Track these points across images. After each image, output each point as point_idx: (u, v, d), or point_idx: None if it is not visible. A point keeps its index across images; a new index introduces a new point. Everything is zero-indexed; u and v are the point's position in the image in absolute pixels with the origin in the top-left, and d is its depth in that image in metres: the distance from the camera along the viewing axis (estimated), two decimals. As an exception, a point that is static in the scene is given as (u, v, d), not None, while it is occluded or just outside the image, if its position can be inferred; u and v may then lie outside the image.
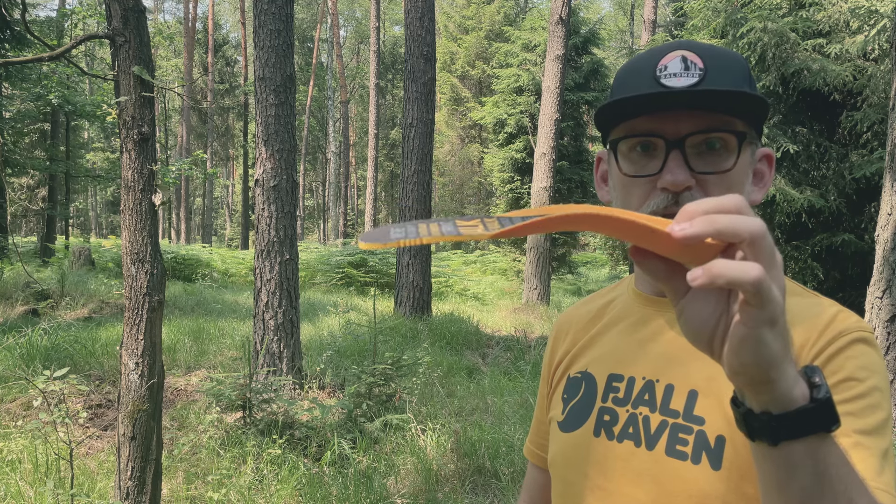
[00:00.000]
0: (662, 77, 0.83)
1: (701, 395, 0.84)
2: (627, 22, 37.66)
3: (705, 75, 0.82)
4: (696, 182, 0.82)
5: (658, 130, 0.83)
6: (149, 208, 2.61)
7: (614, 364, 0.95)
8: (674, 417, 0.86)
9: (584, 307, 1.08)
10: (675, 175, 0.81)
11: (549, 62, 11.03)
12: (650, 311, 0.94)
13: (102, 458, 4.14)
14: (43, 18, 12.91)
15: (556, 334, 1.10)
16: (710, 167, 0.83)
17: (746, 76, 0.86)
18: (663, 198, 0.83)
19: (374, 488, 3.86)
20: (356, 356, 6.58)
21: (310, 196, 49.32)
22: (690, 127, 0.82)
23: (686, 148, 0.82)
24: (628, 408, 0.90)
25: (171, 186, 5.54)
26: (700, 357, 0.79)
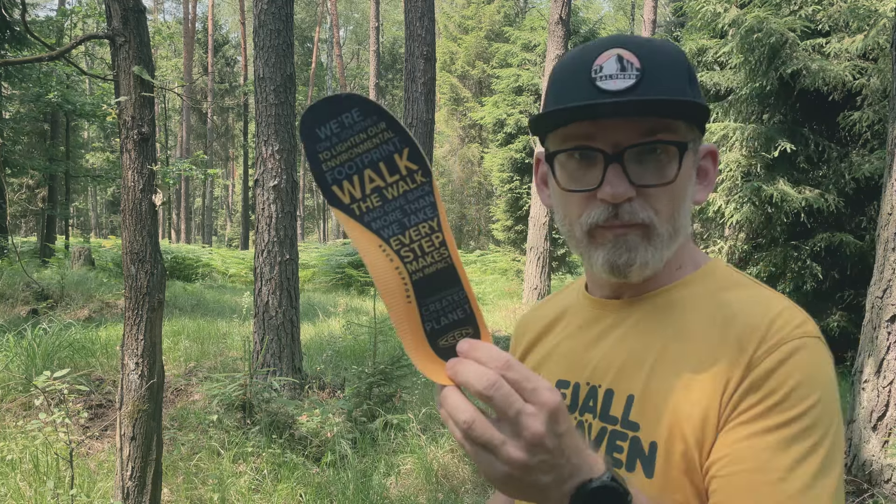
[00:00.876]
0: (598, 79, 0.79)
1: (637, 399, 0.83)
2: (627, 22, 37.66)
3: (643, 76, 0.78)
4: (637, 193, 0.80)
5: (595, 138, 0.80)
6: (149, 208, 2.61)
7: (562, 370, 0.94)
8: (612, 424, 0.85)
9: (540, 311, 1.08)
10: (615, 188, 0.79)
11: (549, 62, 11.02)
12: (598, 314, 0.94)
13: (102, 458, 4.13)
14: (43, 18, 12.90)
15: (515, 337, 1.10)
16: (652, 178, 0.81)
17: (685, 72, 0.82)
18: (602, 209, 0.81)
19: (373, 488, 3.86)
20: (356, 356, 6.58)
21: (310, 196, 49.32)
22: (629, 137, 0.79)
23: (625, 159, 0.80)
24: (576, 415, 0.90)
25: (170, 186, 5.55)
26: (641, 360, 0.84)
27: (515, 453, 0.60)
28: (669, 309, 0.87)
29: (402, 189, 0.64)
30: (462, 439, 0.61)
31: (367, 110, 0.63)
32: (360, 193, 0.64)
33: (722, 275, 0.89)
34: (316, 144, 0.63)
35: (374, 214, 0.64)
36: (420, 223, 0.64)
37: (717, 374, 0.77)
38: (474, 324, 0.64)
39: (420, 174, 0.64)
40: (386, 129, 0.64)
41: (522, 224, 15.55)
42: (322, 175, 0.64)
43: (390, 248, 0.64)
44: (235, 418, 4.56)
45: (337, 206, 0.64)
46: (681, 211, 0.84)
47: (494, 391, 0.59)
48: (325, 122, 0.63)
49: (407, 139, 0.64)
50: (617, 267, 0.83)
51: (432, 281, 0.64)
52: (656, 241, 0.82)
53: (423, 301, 0.64)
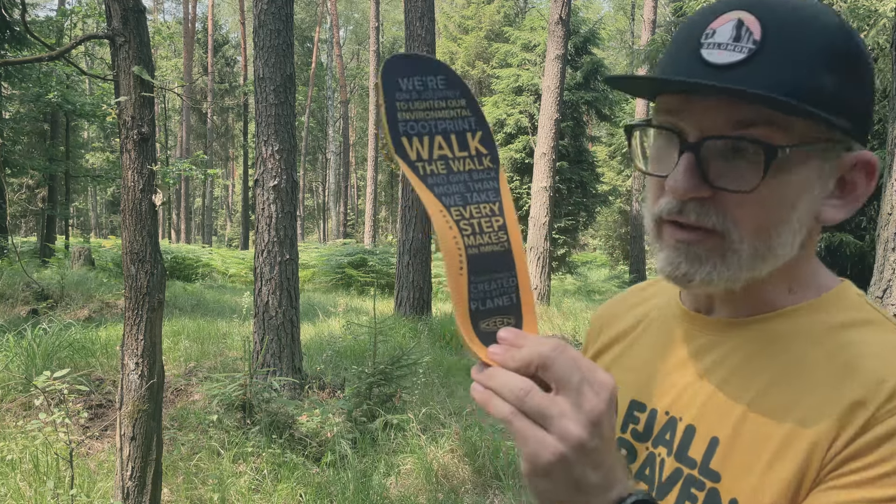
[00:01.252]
0: (705, 46, 0.66)
1: (722, 445, 0.70)
2: (627, 22, 37.66)
3: (757, 52, 0.63)
4: (713, 195, 0.67)
5: (681, 115, 0.68)
6: (149, 208, 2.61)
7: (639, 388, 0.82)
8: (689, 468, 0.72)
9: (624, 304, 0.96)
10: (677, 182, 0.66)
11: (549, 62, 11.03)
12: (687, 330, 0.80)
13: (102, 458, 4.14)
14: (43, 18, 12.90)
15: (590, 332, 0.98)
16: (730, 182, 0.66)
17: (828, 56, 0.64)
18: (668, 201, 0.69)
19: (373, 488, 3.86)
20: (356, 356, 6.58)
21: (310, 196, 49.32)
22: (716, 124, 0.66)
23: (703, 151, 0.66)
24: (648, 445, 0.78)
25: (170, 186, 5.53)
26: (733, 399, 0.71)
27: (574, 427, 0.54)
28: (776, 341, 0.72)
29: (468, 166, 0.64)
30: (510, 415, 0.55)
31: (451, 82, 0.64)
32: (427, 154, 0.63)
33: (849, 306, 0.73)
34: (395, 92, 0.63)
35: (438, 180, 0.63)
36: (482, 203, 0.63)
37: (824, 430, 0.63)
38: (518, 314, 0.63)
39: (489, 159, 0.64)
40: (465, 107, 0.64)
41: (522, 224, 15.55)
42: (395, 122, 0.63)
43: (450, 216, 0.62)
44: (235, 418, 4.56)
45: (404, 158, 0.63)
46: (781, 228, 0.67)
47: (557, 354, 0.55)
48: (409, 76, 0.63)
49: (483, 124, 0.64)
50: (674, 278, 0.71)
51: (486, 260, 0.62)
52: (731, 259, 0.68)
53: (474, 278, 0.62)
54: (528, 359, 0.56)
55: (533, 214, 11.13)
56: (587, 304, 13.40)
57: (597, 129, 24.87)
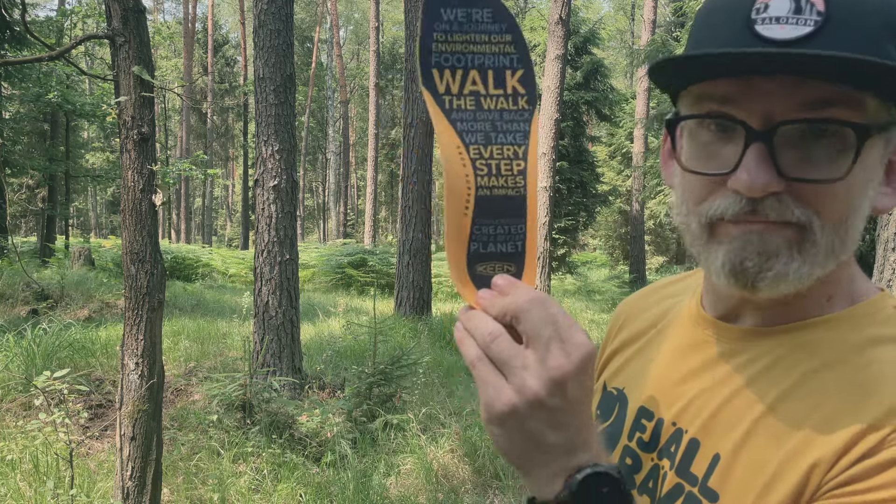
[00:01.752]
0: (759, 22, 0.58)
1: (723, 462, 0.66)
2: (627, 22, 37.66)
3: (825, 23, 0.57)
4: (786, 188, 0.59)
5: (739, 104, 0.60)
6: (149, 208, 2.61)
7: (649, 394, 0.78)
8: (691, 484, 0.68)
9: (649, 299, 0.89)
10: (754, 177, 0.58)
11: (549, 62, 11.03)
12: (704, 336, 0.74)
13: (102, 458, 4.14)
14: (43, 18, 12.91)
15: (611, 326, 0.93)
16: (811, 171, 0.59)
17: (890, 25, 0.58)
18: (733, 200, 0.61)
19: (373, 488, 3.86)
20: (356, 356, 6.58)
21: (310, 196, 49.33)
22: (787, 109, 0.58)
23: (776, 139, 0.59)
24: (653, 457, 0.74)
25: (170, 186, 5.54)
26: (739, 413, 0.66)
27: (532, 381, 0.52)
28: (800, 353, 0.66)
29: (500, 105, 0.61)
30: (475, 359, 0.54)
31: (499, 16, 0.60)
32: (457, 89, 0.60)
33: (882, 320, 0.66)
34: (435, 22, 0.60)
35: (463, 115, 0.60)
36: (506, 144, 0.60)
37: (828, 452, 0.59)
38: (520, 263, 0.60)
39: (525, 100, 0.61)
40: (510, 43, 0.61)
41: (522, 224, 15.55)
42: (429, 53, 0.60)
43: (467, 154, 0.60)
44: (235, 418, 4.56)
45: (430, 90, 0.60)
46: (854, 219, 0.61)
47: (533, 305, 0.53)
48: (454, 7, 0.60)
49: (526, 62, 0.61)
50: (743, 272, 0.62)
51: (496, 203, 0.60)
52: (809, 252, 0.61)
53: (479, 220, 0.60)
54: (504, 307, 0.55)
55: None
56: (587, 303, 13.40)
57: (597, 129, 24.87)
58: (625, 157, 22.45)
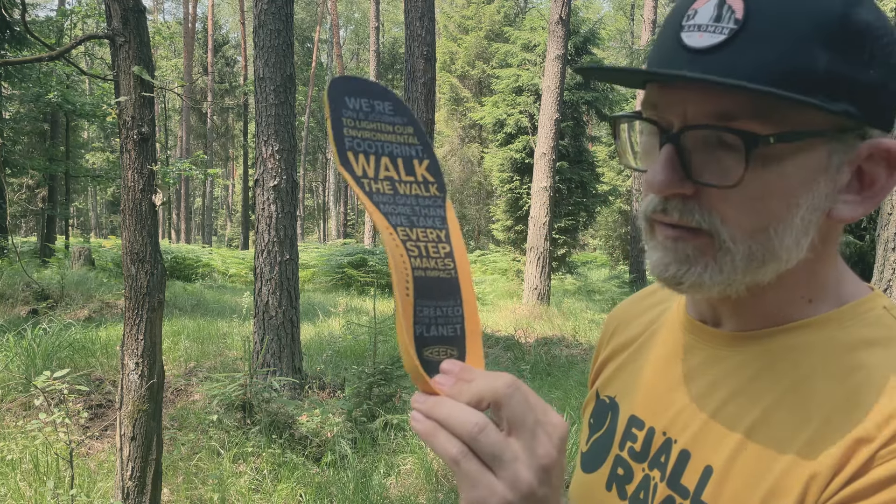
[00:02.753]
0: (685, 29, 0.60)
1: (715, 475, 0.64)
2: (627, 22, 37.68)
3: (738, 33, 0.57)
4: (696, 191, 0.61)
5: (660, 107, 0.63)
6: (149, 208, 2.61)
7: (640, 403, 0.77)
8: (682, 497, 0.67)
9: (638, 305, 0.90)
10: (656, 175, 0.61)
11: (549, 62, 11.03)
12: (691, 343, 0.74)
13: (102, 458, 4.14)
14: (43, 18, 12.90)
15: (603, 333, 0.93)
16: (713, 176, 0.60)
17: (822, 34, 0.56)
18: (651, 199, 0.64)
19: (373, 488, 3.86)
20: (356, 356, 6.58)
21: (310, 196, 49.34)
22: (697, 114, 0.59)
23: (683, 142, 0.60)
24: (644, 467, 0.73)
25: (171, 186, 5.51)
26: (730, 424, 0.65)
27: (525, 474, 0.50)
28: (786, 359, 0.65)
29: (414, 191, 0.63)
30: (459, 454, 0.51)
31: (399, 109, 0.64)
32: (372, 173, 0.62)
33: (871, 321, 0.65)
34: (342, 109, 0.62)
35: (384, 199, 0.61)
36: (428, 228, 0.62)
37: (824, 464, 0.58)
38: (462, 347, 0.59)
39: (435, 187, 0.63)
40: (412, 135, 0.63)
41: (522, 224, 15.57)
42: (341, 136, 0.61)
43: (397, 235, 0.60)
44: (235, 418, 4.56)
45: (349, 172, 0.61)
46: (780, 227, 0.60)
47: (511, 394, 0.51)
48: (357, 97, 0.62)
49: (430, 153, 0.64)
50: (666, 278, 0.65)
51: (431, 285, 0.60)
52: (722, 260, 0.62)
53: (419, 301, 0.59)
54: (480, 393, 0.52)
55: (533, 214, 11.13)
56: (587, 304, 13.40)
57: (597, 129, 24.87)
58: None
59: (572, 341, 8.82)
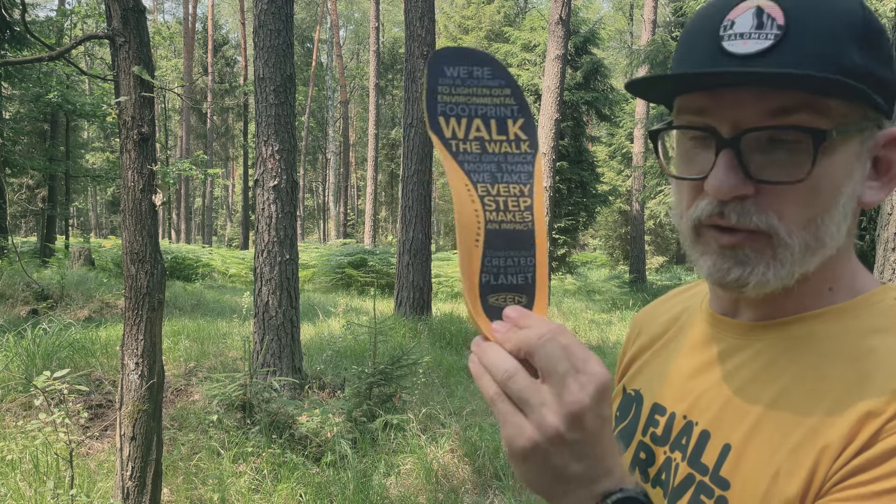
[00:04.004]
0: (726, 38, 0.63)
1: (734, 452, 0.68)
2: (626, 23, 37.67)
3: (784, 37, 0.61)
4: (757, 191, 0.64)
5: (711, 114, 0.65)
6: (149, 208, 2.61)
7: (662, 391, 0.81)
8: (701, 474, 0.71)
9: (662, 307, 0.94)
10: (719, 180, 0.63)
11: (549, 62, 11.03)
12: (713, 334, 0.78)
13: (102, 458, 4.14)
14: (43, 18, 12.90)
15: (629, 333, 0.97)
16: (775, 174, 0.63)
17: (856, 34, 0.62)
18: (708, 204, 0.66)
19: (373, 488, 3.86)
20: (356, 356, 6.58)
21: (310, 196, 49.33)
22: (752, 117, 0.62)
23: (742, 146, 0.63)
24: (665, 450, 0.77)
25: (171, 186, 5.51)
26: (748, 404, 0.69)
27: (551, 418, 0.53)
28: (802, 345, 0.69)
29: (504, 149, 0.65)
30: (495, 395, 0.56)
31: (498, 73, 0.65)
32: (462, 134, 0.65)
33: (883, 311, 0.69)
34: (439, 78, 0.65)
35: (470, 157, 0.64)
36: (512, 183, 0.64)
37: (835, 437, 0.61)
38: (531, 294, 0.62)
39: (527, 144, 0.65)
40: (509, 96, 0.65)
41: (522, 224, 15.53)
42: (434, 102, 0.64)
43: (475, 191, 0.63)
44: (235, 418, 4.56)
45: (437, 134, 0.64)
46: (825, 216, 0.65)
47: (544, 341, 0.54)
48: (456, 65, 0.65)
49: (525, 112, 0.65)
50: (726, 284, 0.67)
51: (505, 236, 0.63)
52: (783, 255, 0.65)
53: (489, 252, 0.62)
54: (518, 343, 0.56)
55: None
56: (587, 304, 13.40)
57: (597, 129, 24.87)
58: (625, 157, 22.45)
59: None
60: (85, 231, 33.71)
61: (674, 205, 0.74)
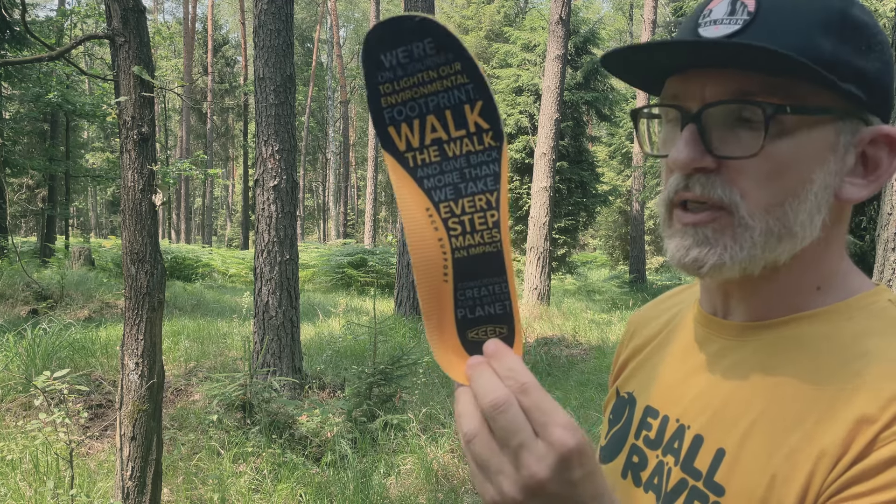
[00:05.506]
0: (702, 24, 0.66)
1: (728, 457, 0.67)
2: (626, 23, 37.67)
3: (751, 21, 0.63)
4: (719, 166, 0.65)
5: (681, 97, 0.67)
6: (149, 208, 2.61)
7: (654, 394, 0.81)
8: (695, 479, 0.70)
9: (656, 308, 0.94)
10: (680, 152, 0.65)
11: (549, 62, 11.03)
12: (705, 335, 0.77)
13: (102, 458, 4.14)
14: (43, 18, 12.90)
15: (624, 335, 0.97)
16: (733, 150, 0.64)
17: (831, 23, 0.63)
18: (674, 179, 0.67)
19: (373, 488, 3.86)
20: (356, 356, 6.58)
21: (310, 196, 49.33)
22: (716, 94, 0.65)
23: (704, 120, 0.65)
24: (658, 454, 0.76)
25: (171, 186, 5.51)
26: (742, 409, 0.68)
27: (509, 489, 0.51)
28: (795, 346, 0.68)
29: (465, 148, 0.55)
30: (464, 450, 0.54)
31: (441, 44, 0.53)
32: (417, 142, 0.56)
33: (877, 312, 0.68)
34: (378, 73, 0.54)
35: (430, 171, 0.56)
36: (478, 194, 0.56)
37: (831, 442, 0.60)
38: (511, 324, 0.56)
39: (490, 136, 0.55)
40: (460, 72, 0.53)
41: (522, 224, 15.56)
42: (380, 111, 0.56)
43: (438, 214, 0.56)
44: (235, 418, 4.56)
45: (390, 151, 0.56)
46: (794, 203, 0.64)
47: (499, 413, 0.51)
48: (392, 49, 0.54)
49: (482, 89, 0.54)
50: (684, 265, 0.67)
51: (476, 263, 0.56)
52: (742, 236, 0.65)
53: (461, 284, 0.56)
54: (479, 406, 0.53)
55: (533, 214, 11.13)
56: (587, 304, 13.40)
57: (597, 129, 24.86)
58: (625, 157, 22.44)
59: (572, 341, 8.82)
60: (85, 231, 33.71)
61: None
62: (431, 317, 0.57)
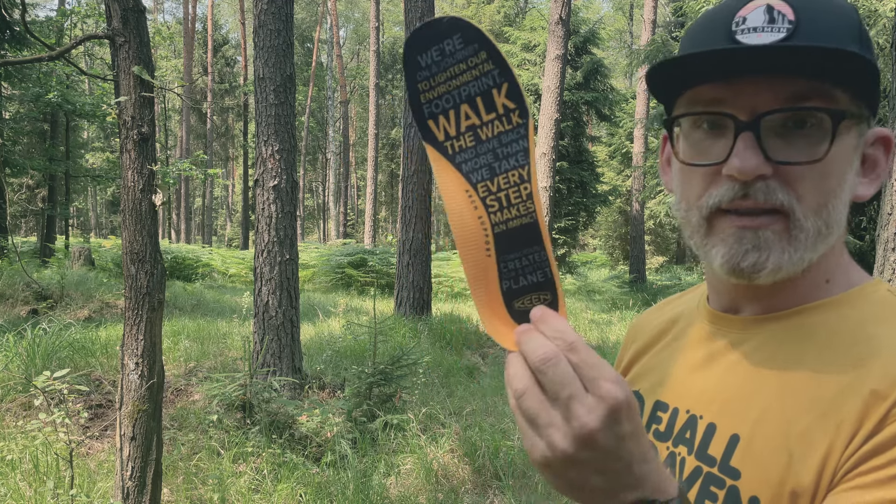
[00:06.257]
0: (739, 32, 0.66)
1: (743, 441, 0.69)
2: (626, 23, 37.66)
3: (795, 30, 0.64)
4: (775, 172, 0.66)
5: (727, 103, 0.67)
6: (149, 208, 2.61)
7: (663, 389, 0.82)
8: (709, 465, 0.71)
9: (656, 314, 0.96)
10: (744, 161, 0.65)
11: (549, 62, 11.03)
12: (714, 330, 0.79)
13: (102, 458, 4.14)
14: (43, 18, 12.90)
15: (625, 340, 0.99)
16: (794, 155, 0.65)
17: (855, 30, 0.67)
18: (728, 188, 0.67)
19: (373, 488, 3.86)
20: (356, 356, 6.58)
21: (310, 196, 49.33)
22: (769, 101, 0.65)
23: (762, 128, 0.65)
24: (668, 445, 0.78)
25: (171, 186, 5.49)
26: (754, 394, 0.70)
27: (559, 441, 0.52)
28: (804, 334, 0.71)
29: (496, 130, 0.60)
30: (514, 408, 0.55)
31: (468, 37, 0.60)
32: (454, 131, 0.61)
33: (878, 301, 0.72)
34: (416, 73, 0.61)
35: (466, 155, 0.61)
36: (510, 170, 0.60)
37: (843, 424, 0.63)
38: (553, 290, 0.59)
39: (517, 114, 0.60)
40: (486, 60, 0.60)
41: (522, 224, 15.52)
42: (420, 108, 0.61)
43: (477, 194, 0.60)
44: (235, 418, 4.56)
45: (431, 142, 0.61)
46: (835, 203, 0.67)
47: (548, 367, 0.52)
48: (427, 49, 0.60)
49: (507, 73, 0.60)
50: (740, 270, 0.68)
51: (514, 236, 0.60)
52: (798, 238, 0.67)
53: (503, 257, 0.60)
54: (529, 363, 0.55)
55: (533, 214, 11.12)
56: (587, 304, 13.39)
57: (597, 129, 24.87)
58: (625, 157, 22.44)
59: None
60: (85, 231, 33.70)
61: (678, 200, 0.75)
62: (480, 291, 0.60)
